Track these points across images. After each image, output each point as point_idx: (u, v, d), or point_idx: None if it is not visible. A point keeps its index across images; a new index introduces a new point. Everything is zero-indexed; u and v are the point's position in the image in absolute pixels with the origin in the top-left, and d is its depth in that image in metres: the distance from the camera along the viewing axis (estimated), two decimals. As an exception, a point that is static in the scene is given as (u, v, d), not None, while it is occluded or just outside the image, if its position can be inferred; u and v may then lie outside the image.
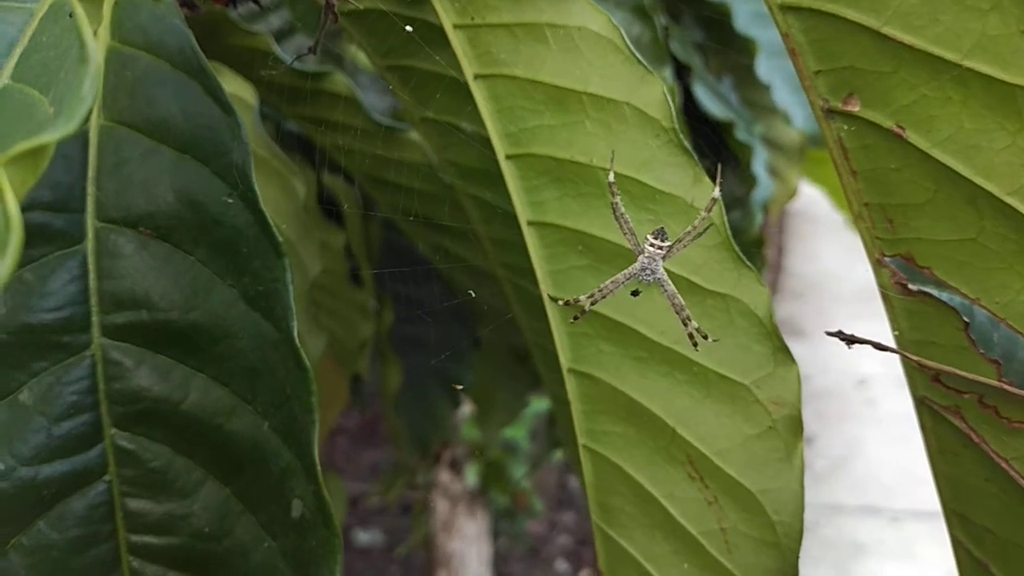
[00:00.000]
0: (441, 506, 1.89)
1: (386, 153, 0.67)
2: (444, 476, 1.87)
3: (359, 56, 1.02)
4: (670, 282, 0.34)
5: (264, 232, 0.34)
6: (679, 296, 0.33)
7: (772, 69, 1.01)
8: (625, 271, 0.34)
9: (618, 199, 0.33)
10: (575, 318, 0.36)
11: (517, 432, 2.50)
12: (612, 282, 0.34)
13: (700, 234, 0.32)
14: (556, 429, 1.20)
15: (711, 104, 0.88)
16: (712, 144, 0.85)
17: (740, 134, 0.90)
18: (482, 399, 1.11)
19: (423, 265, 0.85)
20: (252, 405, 0.35)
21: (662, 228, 0.33)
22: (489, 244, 0.56)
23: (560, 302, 0.35)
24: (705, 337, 0.33)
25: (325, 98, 0.65)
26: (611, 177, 0.33)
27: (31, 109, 0.21)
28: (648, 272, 0.33)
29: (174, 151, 0.37)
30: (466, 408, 1.41)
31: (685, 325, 0.33)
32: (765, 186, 0.96)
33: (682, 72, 0.92)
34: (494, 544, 2.18)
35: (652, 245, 0.33)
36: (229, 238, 0.35)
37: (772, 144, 1.11)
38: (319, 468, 0.33)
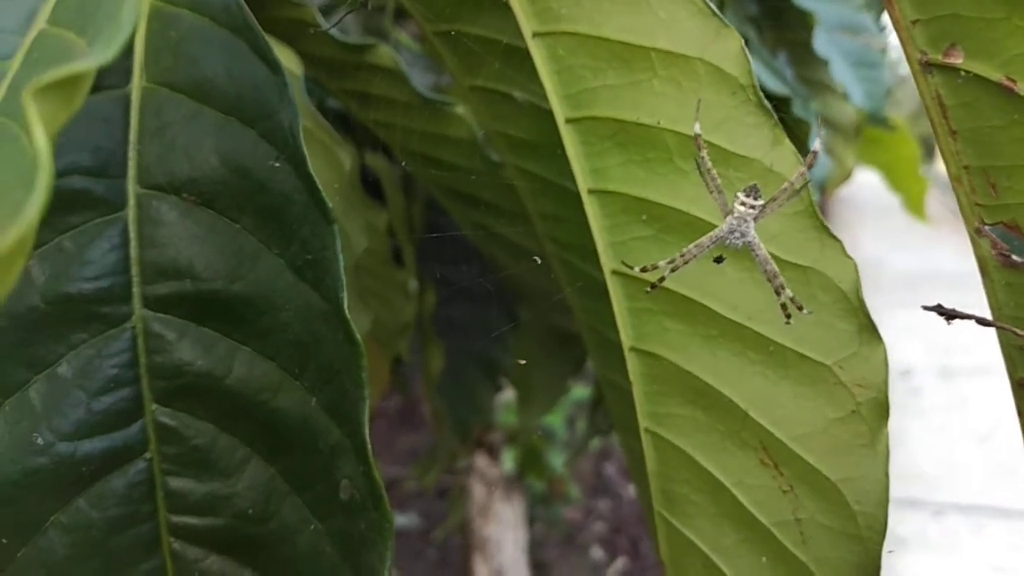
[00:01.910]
0: (478, 491, 1.89)
1: (432, 129, 0.65)
2: (481, 461, 1.86)
3: (402, 37, 1.00)
4: (762, 245, 0.31)
5: (313, 198, 0.32)
6: (772, 261, 0.31)
7: (829, 44, 0.97)
8: (711, 233, 0.31)
9: (704, 153, 0.30)
10: (652, 286, 0.33)
11: (554, 419, 2.49)
12: (696, 246, 0.31)
13: (796, 193, 0.29)
14: (596, 416, 1.18)
15: (767, 79, 0.85)
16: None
17: (797, 110, 0.86)
18: (523, 384, 1.09)
19: (466, 246, 0.83)
20: (299, 380, 0.33)
21: (754, 185, 0.30)
22: (539, 220, 0.54)
23: (636, 269, 0.33)
24: (800, 308, 0.30)
25: (370, 71, 0.63)
26: (697, 128, 0.31)
27: (68, 50, 0.20)
28: (738, 235, 0.30)
29: (218, 113, 0.35)
30: (503, 394, 1.39)
31: (778, 294, 0.30)
32: (822, 165, 0.92)
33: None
34: (530, 530, 2.18)
35: (743, 204, 0.30)
36: (276, 204, 0.33)
37: (828, 123, 1.07)
38: (370, 447, 0.32)
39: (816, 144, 0.30)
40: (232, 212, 0.34)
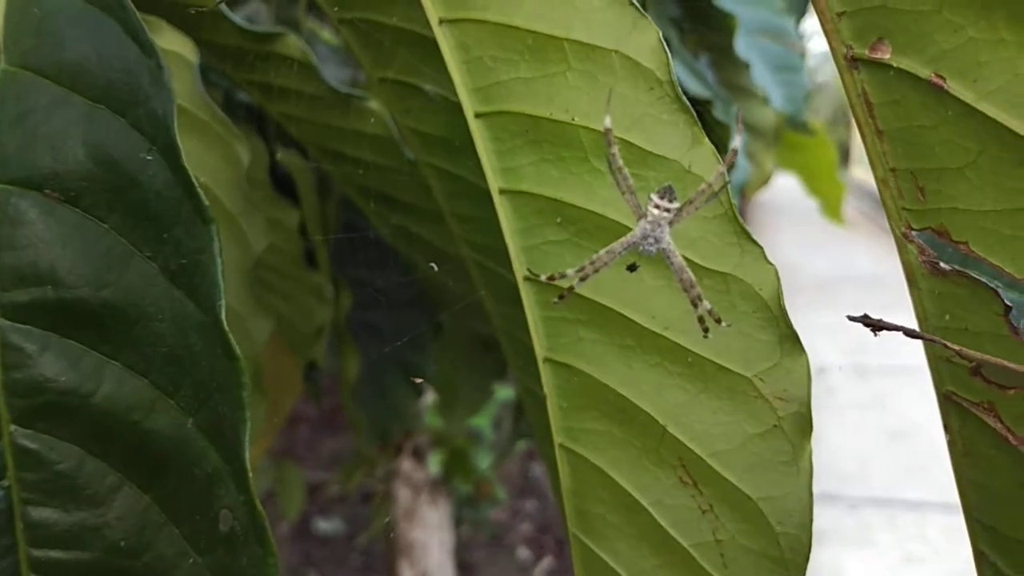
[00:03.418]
0: (403, 494, 1.87)
1: (344, 124, 0.62)
2: (406, 464, 1.84)
3: (319, 29, 0.96)
4: (677, 253, 0.29)
5: (188, 194, 0.29)
6: (688, 270, 0.28)
7: (750, 47, 0.97)
8: (623, 239, 0.29)
9: (615, 149, 0.28)
10: (560, 297, 0.31)
11: (481, 420, 2.47)
12: (607, 252, 0.29)
13: (714, 196, 0.27)
14: (521, 420, 1.16)
15: (689, 81, 0.84)
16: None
17: (718, 113, 0.86)
18: (445, 389, 1.07)
19: (383, 247, 0.80)
20: (174, 399, 0.29)
21: (669, 186, 0.28)
22: (454, 222, 0.51)
23: (543, 277, 0.30)
24: (719, 321, 0.28)
25: (277, 62, 0.59)
26: (607, 122, 0.28)
27: None
28: (651, 241, 0.28)
29: (87, 100, 0.31)
30: (430, 396, 1.37)
31: (695, 306, 0.28)
32: (742, 169, 0.92)
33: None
34: (456, 532, 2.17)
35: (657, 207, 0.28)
36: (148, 202, 0.30)
37: (748, 127, 1.07)
38: (250, 475, 0.28)
39: (736, 142, 0.28)
40: (100, 211, 0.30)
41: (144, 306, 0.30)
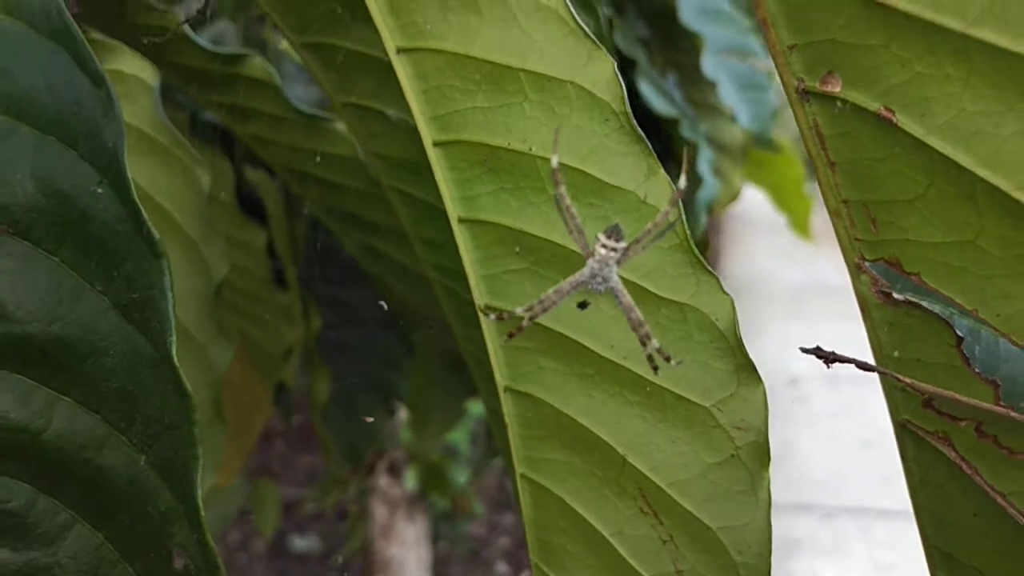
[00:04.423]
0: (379, 511, 1.85)
1: (311, 145, 0.62)
2: (382, 481, 1.82)
3: (291, 51, 0.96)
4: (626, 292, 0.29)
5: (136, 226, 0.29)
6: (636, 309, 0.28)
7: (717, 67, 0.98)
8: (571, 278, 0.29)
9: (563, 189, 0.28)
10: (510, 335, 0.31)
11: (457, 436, 2.46)
12: (555, 291, 0.29)
13: (661, 234, 0.27)
14: (493, 437, 1.16)
15: (656, 100, 0.84)
16: (656, 143, 0.81)
17: (685, 132, 0.86)
18: (417, 408, 1.06)
19: (352, 267, 0.79)
20: (126, 435, 0.29)
21: (616, 225, 0.28)
22: (420, 245, 0.51)
23: (492, 316, 0.30)
24: (668, 359, 0.28)
25: (242, 83, 0.59)
26: (554, 162, 0.28)
27: None
28: (599, 280, 0.28)
29: (36, 131, 0.31)
30: (404, 412, 1.36)
31: (644, 345, 0.28)
32: (710, 186, 0.93)
33: (626, 67, 0.88)
34: (433, 548, 2.15)
35: (604, 246, 0.28)
36: (98, 236, 0.29)
37: (715, 144, 1.08)
38: (203, 513, 0.28)
39: (682, 182, 0.28)
40: (49, 244, 0.30)
41: (95, 341, 0.29)
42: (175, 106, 0.73)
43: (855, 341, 0.33)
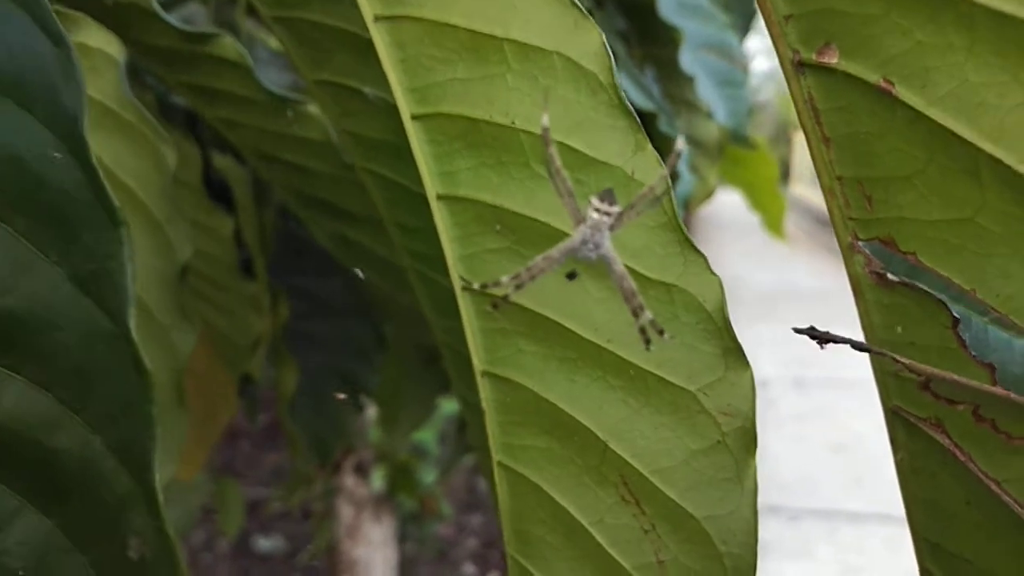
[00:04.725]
0: (345, 511, 1.83)
1: (282, 129, 0.60)
2: (349, 481, 1.80)
3: (259, 34, 0.94)
4: (618, 259, 0.27)
5: (97, 195, 0.27)
6: (629, 278, 0.27)
7: (695, 62, 0.97)
8: (561, 245, 0.28)
9: (553, 149, 0.27)
10: (494, 306, 0.29)
11: (426, 435, 2.45)
12: (544, 258, 0.28)
13: (657, 199, 0.26)
14: (465, 434, 1.14)
15: (635, 93, 0.84)
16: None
17: (663, 126, 0.86)
18: (388, 403, 1.04)
19: (322, 255, 0.77)
20: (80, 416, 0.27)
21: (610, 189, 0.27)
22: (395, 230, 0.50)
23: (476, 285, 0.29)
24: (661, 333, 0.27)
25: (212, 64, 0.57)
26: (545, 121, 0.27)
27: None
28: (591, 246, 0.27)
29: (-11, 94, 0.29)
30: (372, 411, 1.34)
31: (636, 316, 0.27)
32: (686, 182, 0.92)
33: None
34: (400, 549, 2.14)
35: (597, 210, 0.27)
36: (56, 204, 0.28)
37: (692, 141, 1.08)
38: (160, 498, 0.26)
39: (679, 143, 0.27)
40: (3, 211, 0.28)
41: (49, 315, 0.27)
42: (142, 87, 0.71)
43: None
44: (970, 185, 0.24)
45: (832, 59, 0.26)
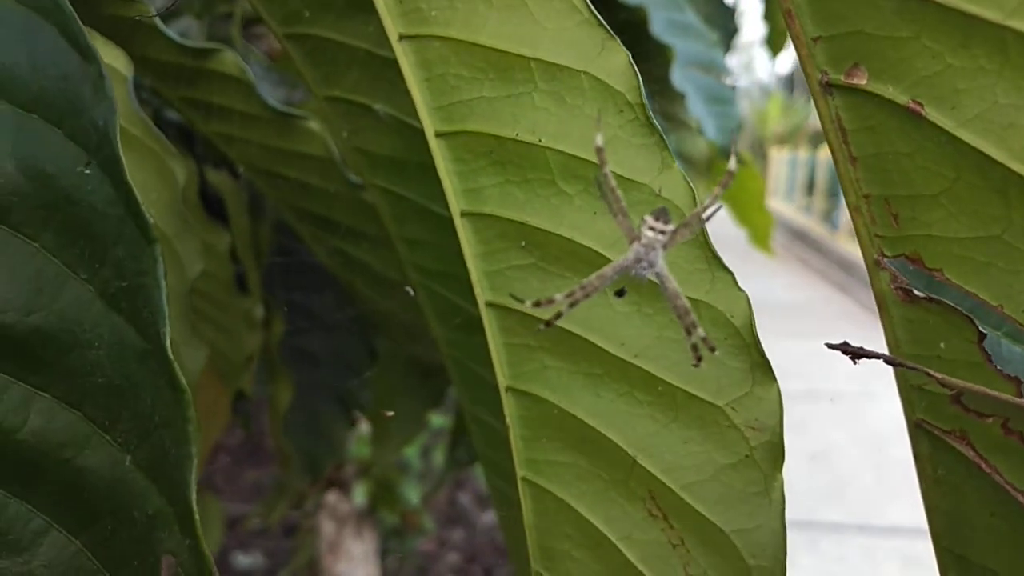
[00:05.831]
0: (327, 527, 1.82)
1: (281, 144, 0.60)
2: (331, 496, 1.79)
3: (251, 51, 0.94)
4: (672, 277, 0.28)
5: (130, 211, 0.27)
6: (683, 296, 0.28)
7: (685, 79, 0.99)
8: (614, 263, 0.28)
9: (607, 169, 0.27)
10: (547, 323, 0.29)
11: (409, 450, 2.43)
12: (598, 277, 0.28)
13: (709, 217, 0.27)
14: (456, 450, 1.14)
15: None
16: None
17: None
18: (380, 419, 1.04)
19: (318, 271, 0.77)
20: (111, 434, 0.27)
21: (663, 208, 0.27)
22: (404, 246, 0.50)
23: (528, 303, 0.29)
24: (713, 350, 0.27)
25: (212, 79, 0.57)
26: (599, 141, 0.27)
27: None
28: (644, 265, 0.27)
29: (17, 108, 0.29)
30: (357, 426, 1.33)
31: (689, 333, 0.27)
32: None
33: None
34: (382, 564, 2.12)
35: (652, 229, 0.27)
36: (85, 219, 0.27)
37: (682, 157, 1.09)
38: (197, 516, 0.26)
39: (732, 163, 0.27)
40: (30, 228, 0.28)
41: (78, 333, 0.27)
42: (139, 102, 0.71)
43: (810, 357, 0.33)
44: (998, 204, 0.25)
45: (861, 80, 0.26)
